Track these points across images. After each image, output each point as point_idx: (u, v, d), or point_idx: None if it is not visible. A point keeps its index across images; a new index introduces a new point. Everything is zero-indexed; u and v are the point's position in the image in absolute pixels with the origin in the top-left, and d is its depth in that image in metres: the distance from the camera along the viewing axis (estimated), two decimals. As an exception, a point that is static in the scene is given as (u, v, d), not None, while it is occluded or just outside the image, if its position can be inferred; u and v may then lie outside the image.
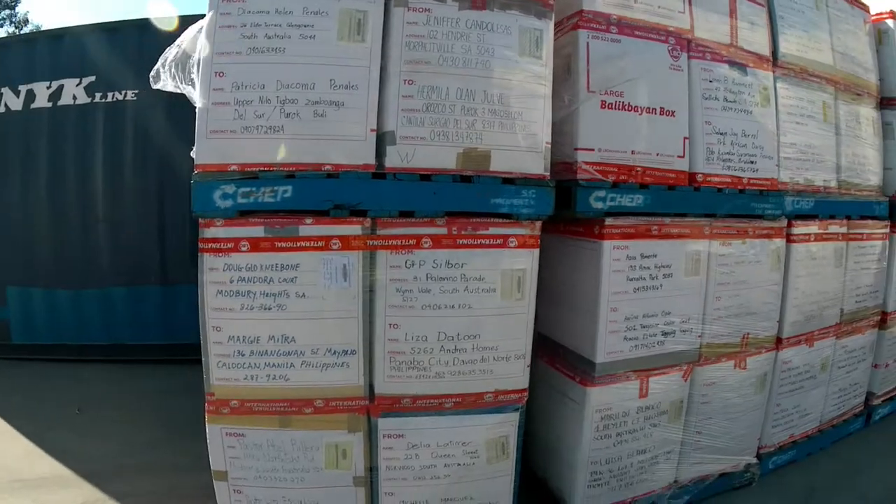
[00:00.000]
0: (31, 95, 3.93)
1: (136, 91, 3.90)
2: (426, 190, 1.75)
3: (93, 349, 4.06)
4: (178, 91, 1.85)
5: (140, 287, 4.04)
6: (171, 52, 1.87)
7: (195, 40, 1.88)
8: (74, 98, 3.89)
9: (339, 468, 1.89)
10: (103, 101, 3.90)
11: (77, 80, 3.87)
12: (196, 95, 1.77)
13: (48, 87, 3.91)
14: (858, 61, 2.63)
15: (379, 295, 1.77)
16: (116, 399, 3.55)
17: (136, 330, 4.05)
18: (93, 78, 3.87)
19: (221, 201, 1.71)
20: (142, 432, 3.08)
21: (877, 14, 2.87)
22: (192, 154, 1.76)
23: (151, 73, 1.88)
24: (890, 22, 2.85)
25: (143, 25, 3.90)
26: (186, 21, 3.91)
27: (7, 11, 15.94)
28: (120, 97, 3.90)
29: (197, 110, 1.73)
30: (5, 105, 3.98)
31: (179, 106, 3.93)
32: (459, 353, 1.82)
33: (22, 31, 14.71)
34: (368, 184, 1.73)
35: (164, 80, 1.86)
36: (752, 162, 2.11)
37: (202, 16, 1.82)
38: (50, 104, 3.92)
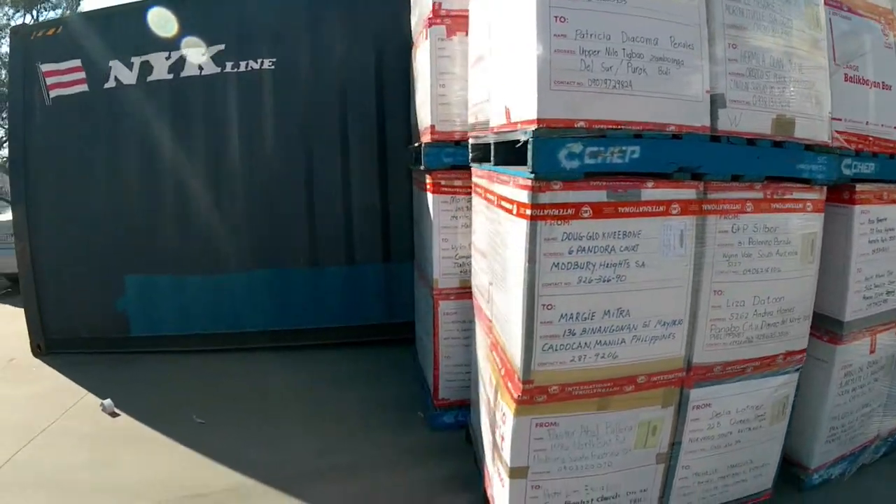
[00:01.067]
0: (146, 68, 3.73)
1: (274, 59, 3.78)
2: (751, 154, 1.88)
3: (225, 338, 3.96)
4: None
5: (286, 270, 3.97)
6: None
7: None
8: (200, 69, 3.74)
9: (646, 446, 1.96)
10: (235, 70, 3.75)
11: (202, 49, 3.72)
12: (525, 42, 1.69)
13: (167, 58, 3.71)
14: None
15: (707, 261, 1.87)
16: (268, 392, 3.36)
17: (280, 316, 4.00)
18: (222, 46, 3.73)
19: (567, 161, 1.67)
20: (311, 428, 2.91)
21: None
22: (529, 106, 1.68)
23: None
24: None
25: None
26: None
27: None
28: (255, 66, 3.77)
29: (534, 58, 1.65)
30: (115, 79, 3.74)
31: (326, 73, 3.93)
32: (766, 316, 1.99)
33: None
34: (707, 146, 1.82)
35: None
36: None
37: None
38: (171, 76, 3.74)
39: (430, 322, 2.94)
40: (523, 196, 1.72)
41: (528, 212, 1.70)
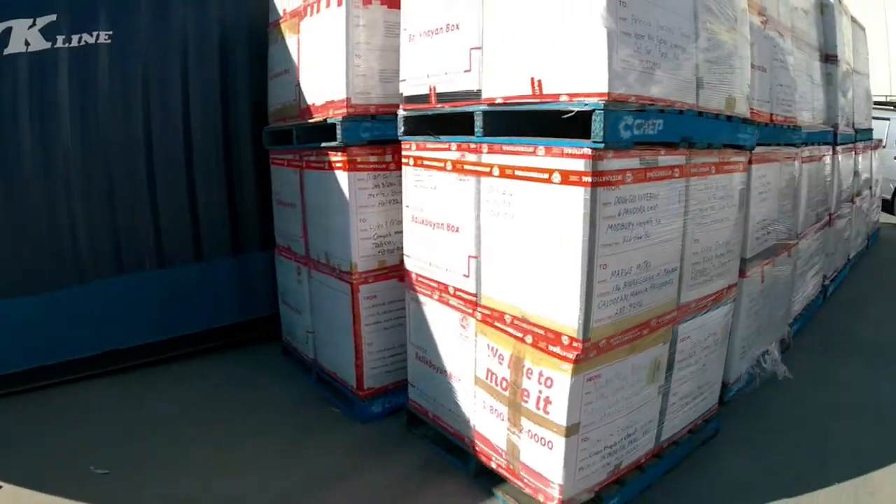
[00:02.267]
0: None
1: (111, 32, 3.46)
2: (717, 127, 2.51)
3: (71, 366, 3.60)
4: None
5: (134, 274, 3.74)
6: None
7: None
8: (27, 44, 3.36)
9: (653, 381, 2.50)
10: (67, 45, 3.42)
11: (30, 21, 3.34)
12: (586, 19, 1.95)
13: None
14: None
15: (689, 216, 2.45)
16: (152, 420, 3.08)
17: (128, 329, 3.74)
18: (53, 17, 3.37)
19: (624, 132, 2.03)
20: (227, 453, 2.73)
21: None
22: (591, 79, 1.95)
23: None
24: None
25: None
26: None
27: None
28: (90, 40, 3.46)
29: (602, 36, 1.93)
30: None
31: (167, 46, 3.82)
32: (720, 257, 2.70)
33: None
34: (696, 120, 2.38)
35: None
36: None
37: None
38: None
39: (341, 311, 3.07)
40: (578, 164, 2.02)
41: (589, 179, 2.01)
